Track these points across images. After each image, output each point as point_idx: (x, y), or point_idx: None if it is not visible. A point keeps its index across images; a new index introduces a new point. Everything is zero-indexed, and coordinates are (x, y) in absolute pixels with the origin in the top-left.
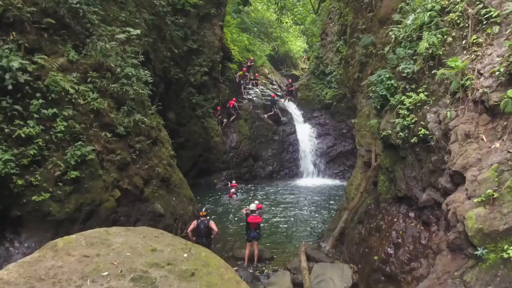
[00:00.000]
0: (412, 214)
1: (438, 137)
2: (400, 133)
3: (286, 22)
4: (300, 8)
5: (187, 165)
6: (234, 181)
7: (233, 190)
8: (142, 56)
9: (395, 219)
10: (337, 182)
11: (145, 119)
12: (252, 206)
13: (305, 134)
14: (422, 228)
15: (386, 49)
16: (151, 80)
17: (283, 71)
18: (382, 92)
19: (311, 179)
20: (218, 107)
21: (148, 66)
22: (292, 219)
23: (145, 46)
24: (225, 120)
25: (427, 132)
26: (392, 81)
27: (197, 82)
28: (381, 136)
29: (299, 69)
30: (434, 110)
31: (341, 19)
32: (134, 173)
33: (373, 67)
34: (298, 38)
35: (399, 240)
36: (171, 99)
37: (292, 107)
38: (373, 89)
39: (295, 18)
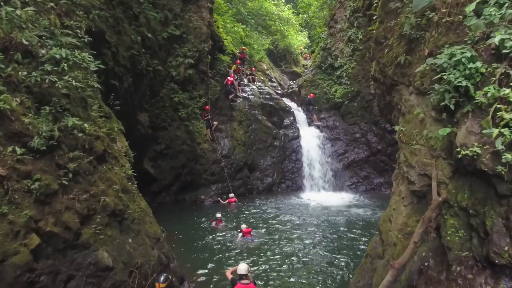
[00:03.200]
0: None
1: None
2: (507, 155)
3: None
4: None
5: (167, 177)
6: (232, 195)
7: (218, 216)
8: (85, 35)
9: None
10: (349, 196)
11: (85, 125)
12: (242, 268)
13: (311, 139)
14: None
15: (469, 8)
16: (95, 68)
17: (283, 68)
18: (458, 82)
19: (318, 193)
20: (207, 107)
21: (104, 52)
22: (297, 257)
23: (98, 22)
24: (215, 122)
25: None
26: (478, 64)
27: (180, 77)
28: (459, 155)
29: (300, 66)
30: None
31: None
32: (64, 207)
33: (433, 44)
34: (299, 33)
35: None
36: (144, 96)
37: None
38: (445, 78)
39: (298, 8)
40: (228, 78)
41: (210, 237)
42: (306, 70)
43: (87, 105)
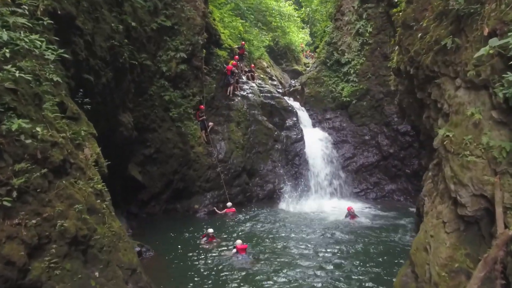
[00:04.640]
0: None
1: None
2: None
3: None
4: None
5: (157, 185)
6: (229, 204)
7: (210, 232)
8: (46, 17)
9: None
10: (358, 205)
11: (38, 129)
12: None
13: (316, 141)
14: None
15: None
16: (52, 57)
17: (283, 66)
18: None
19: (324, 202)
20: (202, 106)
21: (74, 40)
22: (300, 282)
23: (66, 4)
24: (211, 123)
25: None
26: None
27: (172, 73)
28: None
29: (301, 64)
30: None
31: None
32: (5, 236)
33: (497, 20)
34: (301, 30)
35: None
36: (127, 94)
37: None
38: None
39: (300, 0)
40: (229, 65)
41: (201, 257)
42: (308, 68)
43: (40, 104)
